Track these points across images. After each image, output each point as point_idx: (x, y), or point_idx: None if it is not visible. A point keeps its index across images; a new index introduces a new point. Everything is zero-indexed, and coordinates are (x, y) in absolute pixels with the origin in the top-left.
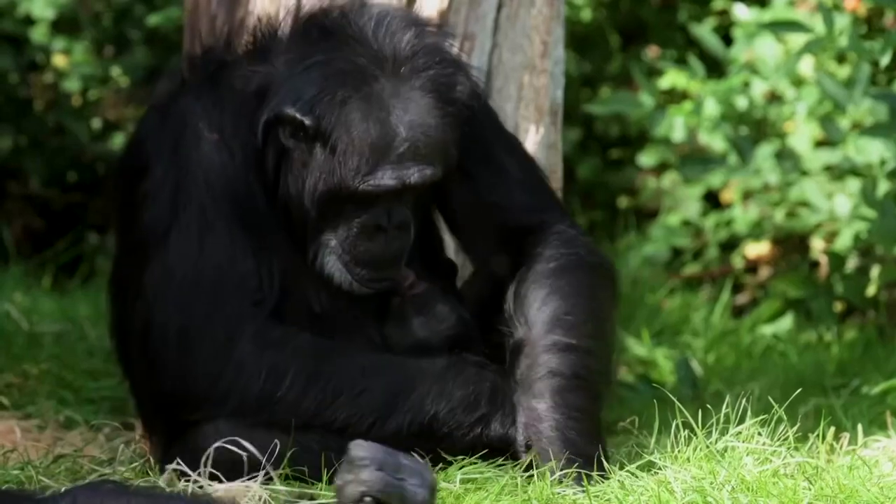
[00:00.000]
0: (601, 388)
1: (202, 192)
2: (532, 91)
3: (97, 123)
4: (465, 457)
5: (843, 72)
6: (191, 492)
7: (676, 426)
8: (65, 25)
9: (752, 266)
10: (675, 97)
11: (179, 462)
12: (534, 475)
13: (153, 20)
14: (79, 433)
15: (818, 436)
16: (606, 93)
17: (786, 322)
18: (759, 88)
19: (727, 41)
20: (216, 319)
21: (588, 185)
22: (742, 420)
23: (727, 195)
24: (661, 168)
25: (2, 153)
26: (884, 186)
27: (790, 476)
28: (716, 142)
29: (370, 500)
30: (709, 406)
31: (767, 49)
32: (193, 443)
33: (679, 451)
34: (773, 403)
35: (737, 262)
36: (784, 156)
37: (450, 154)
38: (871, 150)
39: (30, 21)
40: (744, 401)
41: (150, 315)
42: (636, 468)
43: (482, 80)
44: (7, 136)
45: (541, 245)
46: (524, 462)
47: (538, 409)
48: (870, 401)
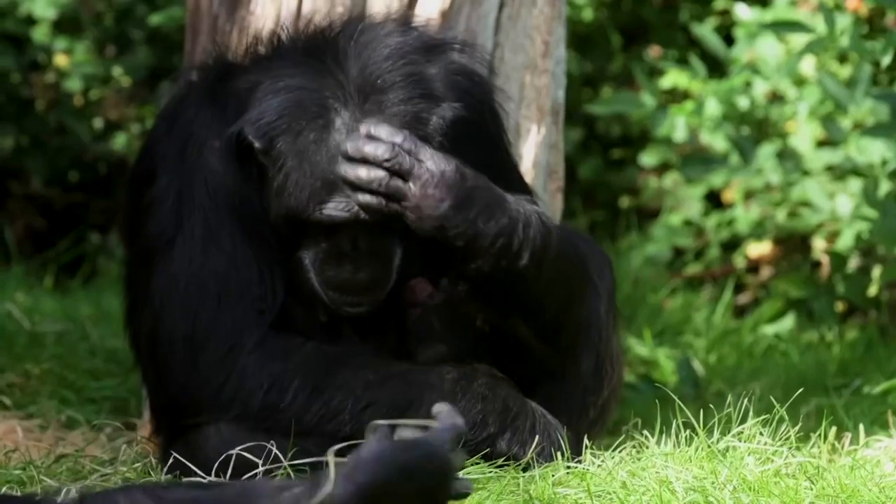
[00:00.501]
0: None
1: (206, 201)
2: (533, 91)
3: (99, 123)
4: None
5: (845, 72)
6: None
7: (678, 426)
8: (66, 25)
9: (754, 266)
10: (677, 97)
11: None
12: (535, 475)
13: (155, 20)
14: (80, 433)
15: (820, 435)
16: (608, 93)
17: (787, 322)
18: (761, 88)
19: (729, 41)
20: (219, 327)
21: (589, 185)
22: (744, 420)
23: (729, 195)
24: (663, 168)
25: (3, 153)
26: (885, 186)
27: (792, 476)
28: (717, 142)
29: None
30: (710, 406)
31: (769, 49)
32: (195, 444)
33: (680, 451)
34: (775, 403)
35: (738, 262)
36: (785, 156)
37: None
38: (873, 150)
39: (31, 21)
40: (745, 400)
41: (158, 322)
42: (638, 468)
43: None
44: (9, 136)
45: None
46: (525, 461)
47: None
48: (871, 400)
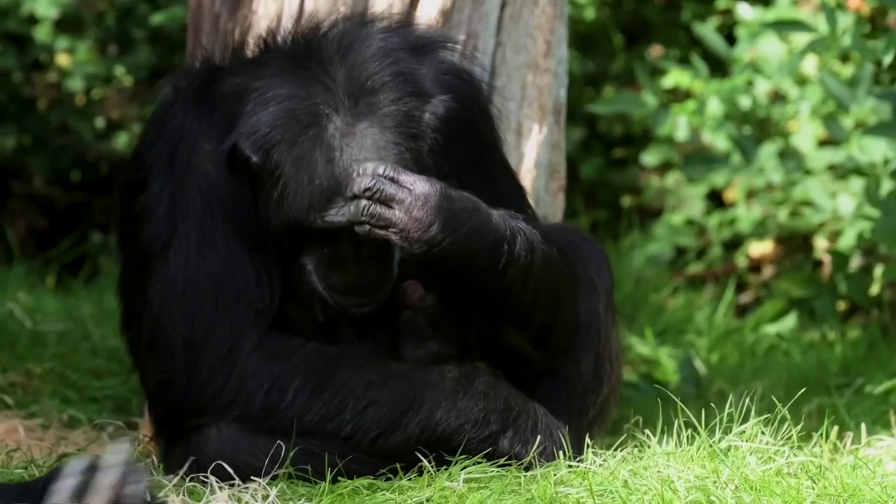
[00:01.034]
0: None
1: (199, 204)
2: (535, 90)
3: (101, 122)
4: (468, 456)
5: (847, 71)
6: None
7: (679, 425)
8: (68, 24)
9: (756, 265)
10: (679, 96)
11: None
12: (537, 474)
13: (157, 19)
14: (82, 432)
15: (821, 435)
16: (610, 92)
17: (789, 321)
18: (763, 88)
19: (731, 40)
20: (218, 329)
21: (591, 185)
22: (745, 419)
23: (731, 194)
24: (665, 167)
25: (5, 152)
26: (887, 186)
27: (793, 475)
28: (719, 141)
29: None
30: (712, 405)
31: (771, 48)
32: (196, 445)
33: (682, 450)
34: (777, 402)
35: (740, 262)
36: (787, 155)
37: None
38: (875, 150)
39: (33, 20)
40: (747, 400)
41: (157, 326)
42: (640, 467)
43: (490, 95)
44: (11, 135)
45: None
46: (527, 460)
47: None
48: (873, 400)
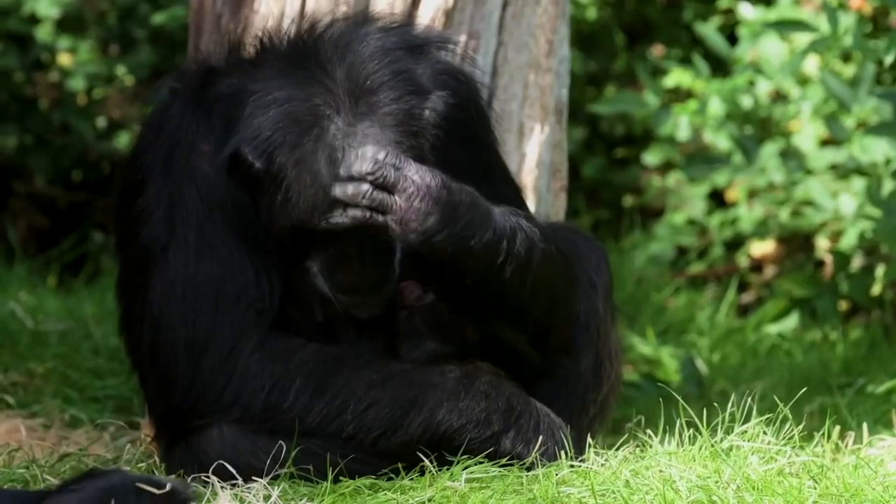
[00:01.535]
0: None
1: (198, 206)
2: (537, 90)
3: (102, 122)
4: (470, 456)
5: (848, 71)
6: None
7: (681, 425)
8: (70, 24)
9: (758, 265)
10: (680, 96)
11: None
12: (538, 473)
13: (158, 19)
14: (84, 432)
15: (823, 435)
16: (611, 92)
17: (791, 321)
18: (764, 87)
19: (732, 40)
20: (219, 331)
21: (593, 184)
22: (747, 419)
23: (732, 194)
24: (666, 167)
25: (7, 152)
26: (888, 185)
27: (795, 475)
28: (721, 141)
29: None
30: (714, 405)
31: (772, 48)
32: (197, 446)
33: (684, 450)
34: (779, 402)
35: (742, 261)
36: (789, 155)
37: None
38: (876, 149)
39: (35, 20)
40: (749, 399)
41: (158, 329)
42: (641, 467)
43: (487, 96)
44: (12, 135)
45: None
46: (529, 460)
47: None
48: (875, 399)
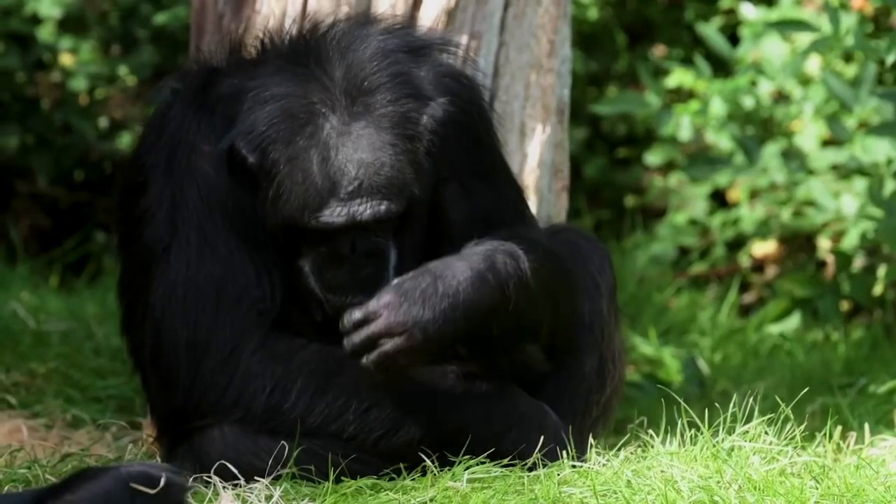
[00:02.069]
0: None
1: (199, 206)
2: (539, 90)
3: (104, 122)
4: (472, 456)
5: (850, 71)
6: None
7: (683, 425)
8: (71, 24)
9: (759, 265)
10: (682, 96)
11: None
12: (540, 474)
13: (160, 19)
14: (86, 432)
15: (825, 435)
16: (613, 92)
17: (792, 321)
18: (766, 88)
19: (734, 40)
20: (220, 331)
21: (595, 184)
22: (749, 419)
23: (734, 194)
24: (668, 167)
25: (9, 152)
26: (890, 186)
27: (797, 475)
28: (722, 141)
29: None
30: (716, 405)
31: (774, 48)
32: (199, 446)
33: (686, 450)
34: (780, 402)
35: (743, 261)
36: (790, 155)
37: (410, 187)
38: (878, 150)
39: (37, 20)
40: (750, 400)
41: (159, 330)
42: (643, 467)
43: (489, 99)
44: (14, 135)
45: None
46: (531, 460)
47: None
48: (876, 400)
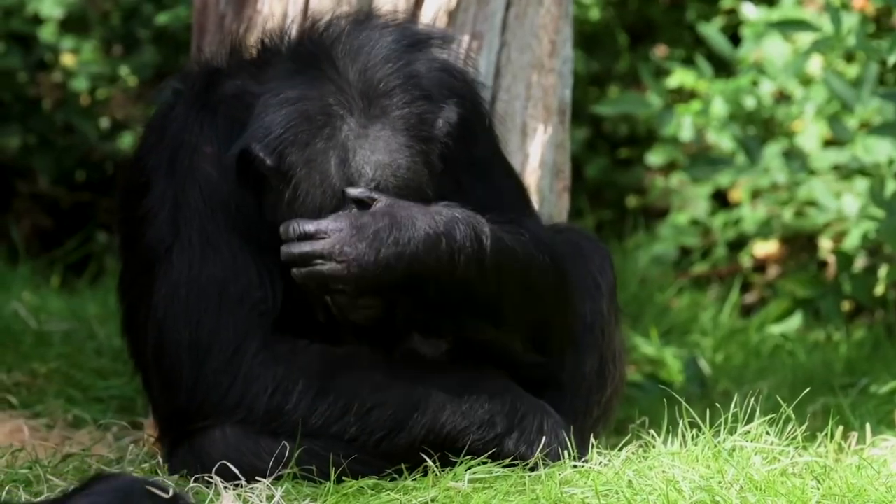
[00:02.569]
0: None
1: (201, 207)
2: (540, 90)
3: (105, 122)
4: (473, 456)
5: (852, 71)
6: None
7: (684, 425)
8: (73, 24)
9: (761, 265)
10: (683, 96)
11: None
12: (542, 474)
13: (162, 19)
14: (87, 432)
15: (826, 435)
16: (614, 92)
17: (794, 321)
18: (767, 88)
19: (735, 40)
20: (222, 332)
21: (596, 185)
22: (750, 419)
23: (735, 194)
24: (670, 167)
25: (10, 152)
26: (892, 186)
27: (798, 475)
28: (724, 141)
29: None
30: (717, 405)
31: (775, 48)
32: (200, 447)
33: (687, 450)
34: (782, 402)
35: (745, 262)
36: (792, 155)
37: (424, 189)
38: (879, 150)
39: (38, 20)
40: (752, 400)
41: (161, 331)
42: (644, 467)
43: (487, 100)
44: (15, 135)
45: None
46: (532, 461)
47: None
48: (878, 400)
